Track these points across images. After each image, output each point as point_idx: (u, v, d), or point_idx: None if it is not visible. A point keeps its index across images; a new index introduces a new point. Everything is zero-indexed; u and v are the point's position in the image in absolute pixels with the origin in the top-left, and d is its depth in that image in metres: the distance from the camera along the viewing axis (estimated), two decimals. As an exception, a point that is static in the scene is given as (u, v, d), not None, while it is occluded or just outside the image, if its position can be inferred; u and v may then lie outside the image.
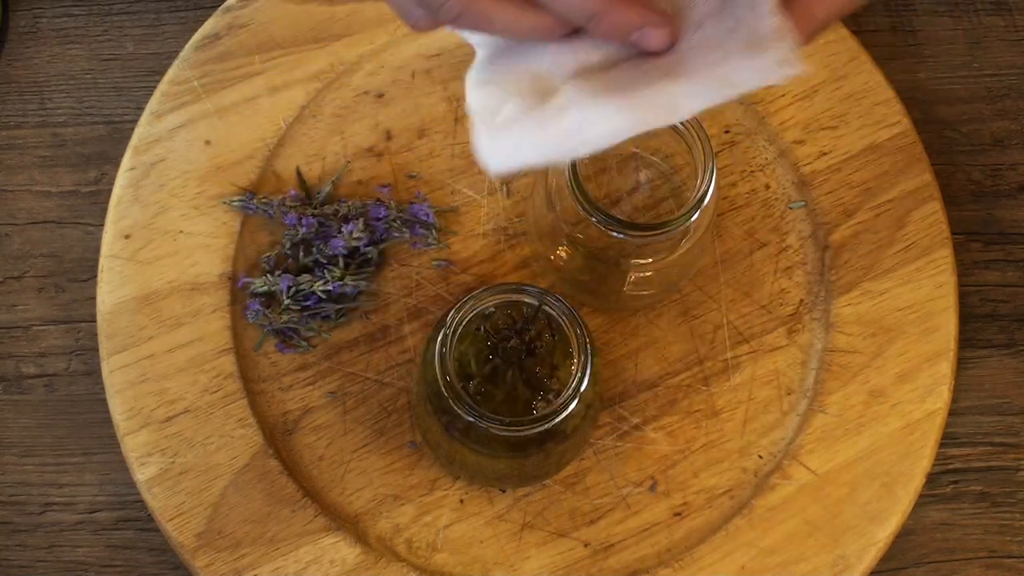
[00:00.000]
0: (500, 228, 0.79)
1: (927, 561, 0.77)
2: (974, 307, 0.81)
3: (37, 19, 0.85)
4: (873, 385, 0.76)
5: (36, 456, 0.78)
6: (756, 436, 0.76)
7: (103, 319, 0.76)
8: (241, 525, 0.73)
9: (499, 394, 0.68)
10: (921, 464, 0.75)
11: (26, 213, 0.81)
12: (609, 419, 0.76)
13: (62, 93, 0.84)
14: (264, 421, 0.75)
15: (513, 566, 0.74)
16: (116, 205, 0.78)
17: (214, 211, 0.78)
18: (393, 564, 0.73)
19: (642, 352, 0.77)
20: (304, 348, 0.77)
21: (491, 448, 0.69)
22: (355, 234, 0.76)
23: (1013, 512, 0.78)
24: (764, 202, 0.80)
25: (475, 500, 0.75)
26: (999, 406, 0.79)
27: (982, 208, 0.83)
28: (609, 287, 0.75)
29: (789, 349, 0.77)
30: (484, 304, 0.68)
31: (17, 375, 0.79)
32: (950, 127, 0.84)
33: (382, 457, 0.75)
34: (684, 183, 0.76)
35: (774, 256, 0.79)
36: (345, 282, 0.76)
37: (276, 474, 0.74)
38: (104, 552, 0.76)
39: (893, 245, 0.78)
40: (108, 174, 0.81)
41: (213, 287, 0.77)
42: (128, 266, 0.77)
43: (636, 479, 0.75)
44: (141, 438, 0.74)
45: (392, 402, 0.76)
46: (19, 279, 0.80)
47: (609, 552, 0.74)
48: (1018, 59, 0.85)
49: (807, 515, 0.74)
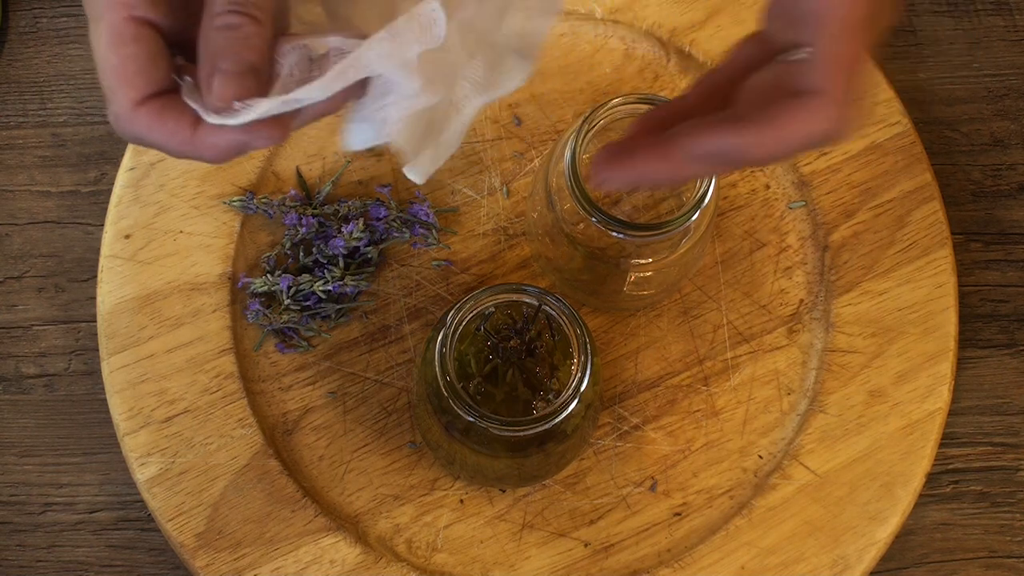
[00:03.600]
0: (500, 228, 0.79)
1: (927, 561, 0.77)
2: (974, 307, 0.81)
3: (37, 19, 0.85)
4: (873, 385, 0.76)
5: (36, 456, 0.78)
6: (756, 436, 0.76)
7: (103, 319, 0.76)
8: (241, 525, 0.73)
9: (499, 394, 0.68)
10: (921, 464, 0.75)
11: (26, 213, 0.81)
12: (609, 419, 0.76)
13: (62, 93, 0.84)
14: (264, 421, 0.75)
15: (513, 566, 0.74)
16: (116, 205, 0.78)
17: (214, 211, 0.78)
18: (393, 564, 0.73)
19: (642, 352, 0.77)
20: (304, 348, 0.77)
21: (491, 448, 0.69)
22: (355, 234, 0.76)
23: (1013, 512, 0.78)
24: (764, 202, 0.80)
25: (475, 500, 0.75)
26: (999, 406, 0.79)
27: (982, 208, 0.83)
28: (609, 287, 0.75)
29: (789, 349, 0.77)
30: (484, 304, 0.68)
31: (17, 375, 0.79)
32: (950, 127, 0.84)
33: (382, 457, 0.75)
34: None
35: (774, 256, 0.79)
36: (345, 282, 0.76)
37: (276, 474, 0.74)
38: (104, 552, 0.76)
39: (893, 245, 0.78)
40: (108, 174, 0.81)
41: (213, 287, 0.77)
42: (128, 266, 0.77)
43: (636, 479, 0.75)
44: (141, 438, 0.74)
45: (392, 402, 0.76)
46: (19, 279, 0.80)
47: (609, 552, 0.74)
48: (1018, 59, 0.85)
49: (807, 515, 0.74)
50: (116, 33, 0.46)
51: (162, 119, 0.47)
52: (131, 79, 0.46)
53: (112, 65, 0.46)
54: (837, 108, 0.50)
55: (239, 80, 0.46)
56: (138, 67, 0.46)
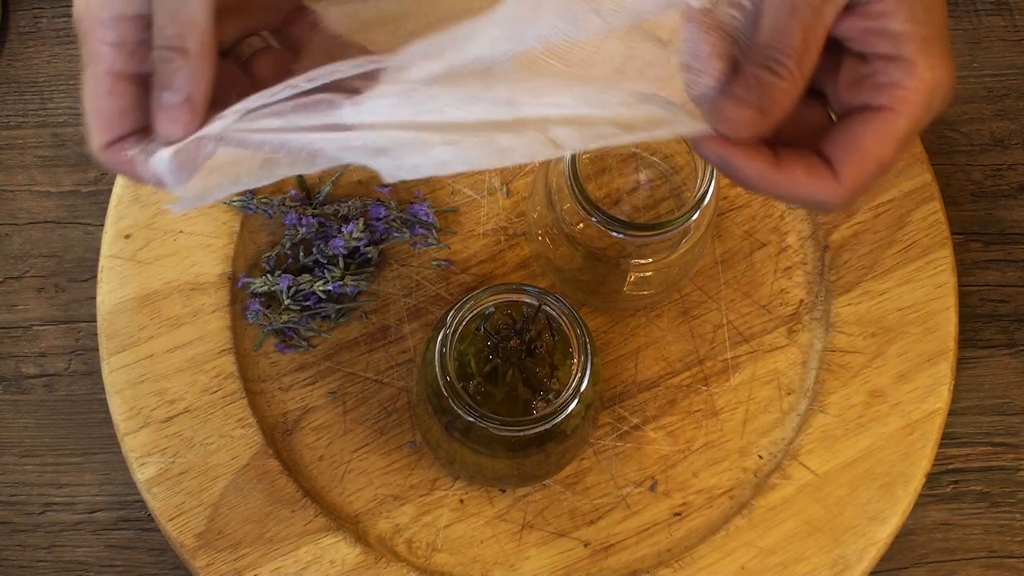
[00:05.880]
0: (500, 228, 0.79)
1: (927, 561, 0.77)
2: (974, 307, 0.81)
3: (37, 19, 0.85)
4: (873, 385, 0.76)
5: (36, 456, 0.78)
6: (756, 436, 0.76)
7: (103, 319, 0.76)
8: (241, 525, 0.73)
9: (499, 394, 0.68)
10: (921, 464, 0.75)
11: (26, 213, 0.81)
12: (609, 419, 0.76)
13: (62, 93, 0.84)
14: (264, 421, 0.75)
15: (513, 566, 0.74)
16: (116, 205, 0.78)
17: (214, 211, 0.78)
18: (393, 564, 0.73)
19: (642, 352, 0.77)
20: (304, 348, 0.77)
21: (491, 448, 0.69)
22: (355, 234, 0.76)
23: (1013, 512, 0.78)
24: (764, 202, 0.80)
25: (475, 500, 0.75)
26: (999, 406, 0.80)
27: (982, 208, 0.83)
28: (609, 287, 0.75)
29: (789, 349, 0.77)
30: (484, 304, 0.68)
31: (17, 375, 0.79)
32: (950, 127, 0.84)
33: (382, 457, 0.75)
34: (684, 183, 0.76)
35: (774, 256, 0.79)
36: (345, 282, 0.76)
37: (276, 474, 0.74)
38: (104, 552, 0.76)
39: (893, 245, 0.78)
40: (108, 174, 0.81)
41: (213, 287, 0.77)
42: (128, 266, 0.77)
43: (636, 479, 0.75)
44: (141, 438, 0.74)
45: (392, 402, 0.76)
46: (19, 279, 0.80)
47: (609, 552, 0.74)
48: (1018, 59, 0.85)
49: (807, 515, 0.74)
50: (95, 83, 0.52)
51: (121, 160, 0.52)
52: (101, 127, 0.52)
53: (88, 110, 0.52)
54: (847, 194, 0.52)
55: (174, 110, 0.51)
56: (106, 119, 0.52)
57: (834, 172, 0.52)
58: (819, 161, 0.52)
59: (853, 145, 0.52)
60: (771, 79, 0.51)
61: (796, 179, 0.52)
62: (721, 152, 0.52)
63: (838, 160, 0.52)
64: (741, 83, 0.51)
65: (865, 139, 0.52)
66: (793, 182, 0.52)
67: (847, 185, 0.52)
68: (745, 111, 0.51)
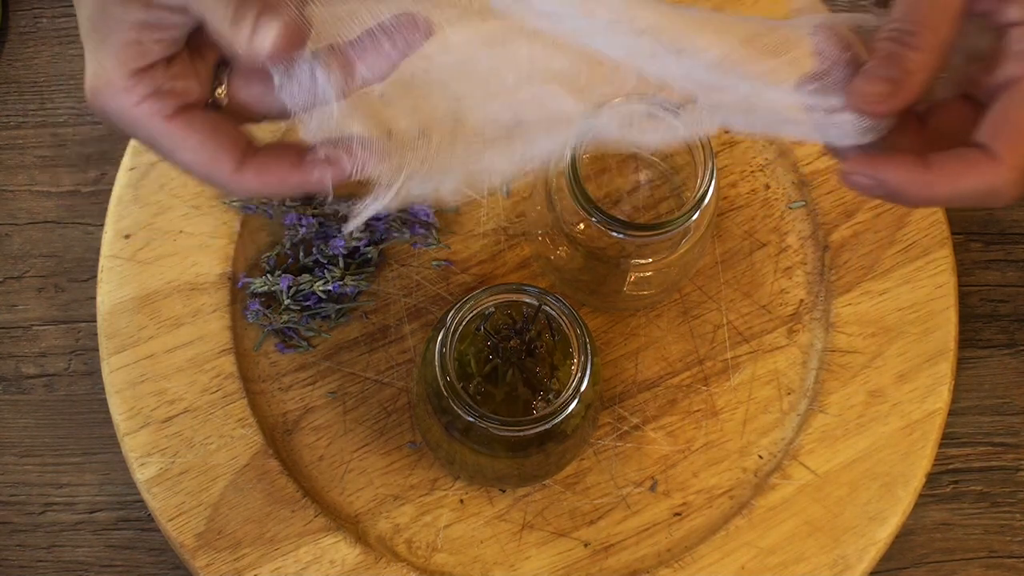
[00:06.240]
0: (500, 228, 0.79)
1: (927, 561, 0.77)
2: (974, 307, 0.81)
3: (37, 19, 0.85)
4: (873, 385, 0.76)
5: (36, 456, 0.78)
6: (756, 436, 0.76)
7: (103, 319, 0.76)
8: (241, 525, 0.73)
9: (499, 394, 0.68)
10: (921, 464, 0.75)
11: (26, 213, 0.81)
12: (609, 419, 0.76)
13: (62, 93, 0.84)
14: (264, 421, 0.75)
15: (513, 566, 0.74)
16: (116, 205, 0.78)
17: (214, 211, 0.78)
18: (393, 564, 0.73)
19: (642, 352, 0.77)
20: (304, 348, 0.77)
21: (491, 448, 0.69)
22: (355, 234, 0.76)
23: (1013, 512, 0.78)
24: (764, 202, 0.80)
25: (475, 500, 0.75)
26: (999, 406, 0.79)
27: (982, 208, 0.83)
28: (609, 287, 0.75)
29: (789, 349, 0.77)
30: (484, 304, 0.68)
31: (17, 375, 0.79)
32: (950, 127, 0.84)
33: (382, 457, 0.75)
34: (684, 183, 0.76)
35: (774, 256, 0.79)
36: (345, 282, 0.76)
37: (276, 474, 0.74)
38: (104, 552, 0.76)
39: (893, 245, 0.78)
40: (108, 174, 0.81)
41: (213, 287, 0.77)
42: (128, 266, 0.77)
43: (636, 479, 0.75)
44: (141, 438, 0.74)
45: (392, 402, 0.76)
46: (19, 279, 0.80)
47: (609, 552, 0.74)
48: None
49: (807, 515, 0.74)
50: (180, 140, 0.54)
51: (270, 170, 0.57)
52: (218, 160, 0.55)
53: (192, 162, 0.55)
54: (1014, 173, 0.50)
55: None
56: (215, 152, 0.55)
57: (991, 155, 0.49)
58: (973, 150, 0.50)
59: (1003, 121, 0.49)
60: (902, 51, 0.49)
61: (953, 173, 0.49)
62: (868, 171, 0.50)
63: (993, 141, 0.49)
64: (874, 58, 0.49)
65: (1013, 111, 0.49)
66: (951, 177, 0.49)
67: (1010, 162, 0.49)
68: (879, 85, 0.49)
